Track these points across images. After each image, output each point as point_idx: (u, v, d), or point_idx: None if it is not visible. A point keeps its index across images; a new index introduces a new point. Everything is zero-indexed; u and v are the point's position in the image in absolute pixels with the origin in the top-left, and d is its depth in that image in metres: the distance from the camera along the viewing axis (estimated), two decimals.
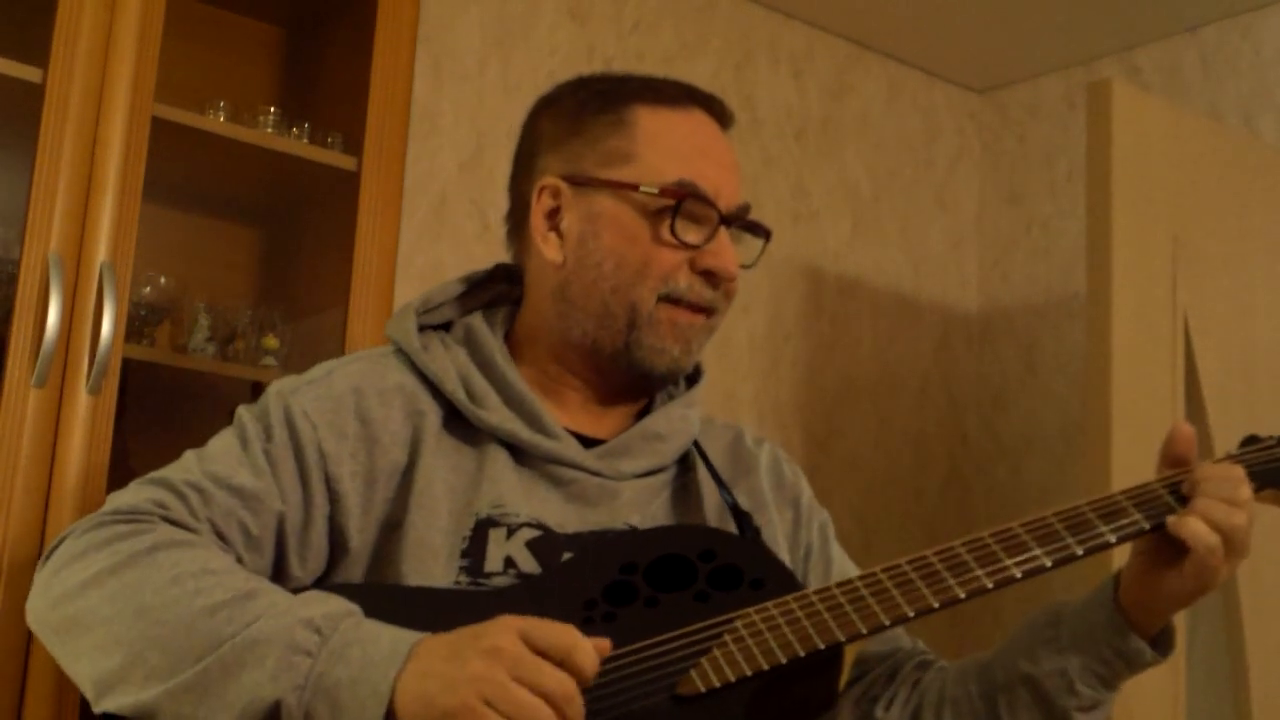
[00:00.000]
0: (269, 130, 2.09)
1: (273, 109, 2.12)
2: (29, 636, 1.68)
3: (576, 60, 2.86)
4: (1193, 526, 1.13)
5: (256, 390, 2.08)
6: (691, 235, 1.23)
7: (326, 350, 2.05)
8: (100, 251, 1.79)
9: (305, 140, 2.11)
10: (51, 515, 1.72)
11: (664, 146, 1.25)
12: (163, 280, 2.07)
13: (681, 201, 1.22)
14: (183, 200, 2.23)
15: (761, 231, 1.31)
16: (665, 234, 1.23)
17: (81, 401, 1.76)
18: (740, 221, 1.28)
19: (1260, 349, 2.73)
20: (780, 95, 3.20)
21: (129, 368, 1.85)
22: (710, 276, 1.25)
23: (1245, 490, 1.15)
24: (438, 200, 2.64)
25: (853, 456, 3.22)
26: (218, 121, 2.03)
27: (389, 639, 0.98)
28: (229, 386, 2.11)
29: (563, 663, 0.96)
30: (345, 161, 2.08)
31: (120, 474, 1.76)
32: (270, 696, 0.96)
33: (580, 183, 1.26)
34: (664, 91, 1.29)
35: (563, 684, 0.95)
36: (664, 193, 1.23)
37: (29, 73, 1.80)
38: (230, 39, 2.32)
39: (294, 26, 2.38)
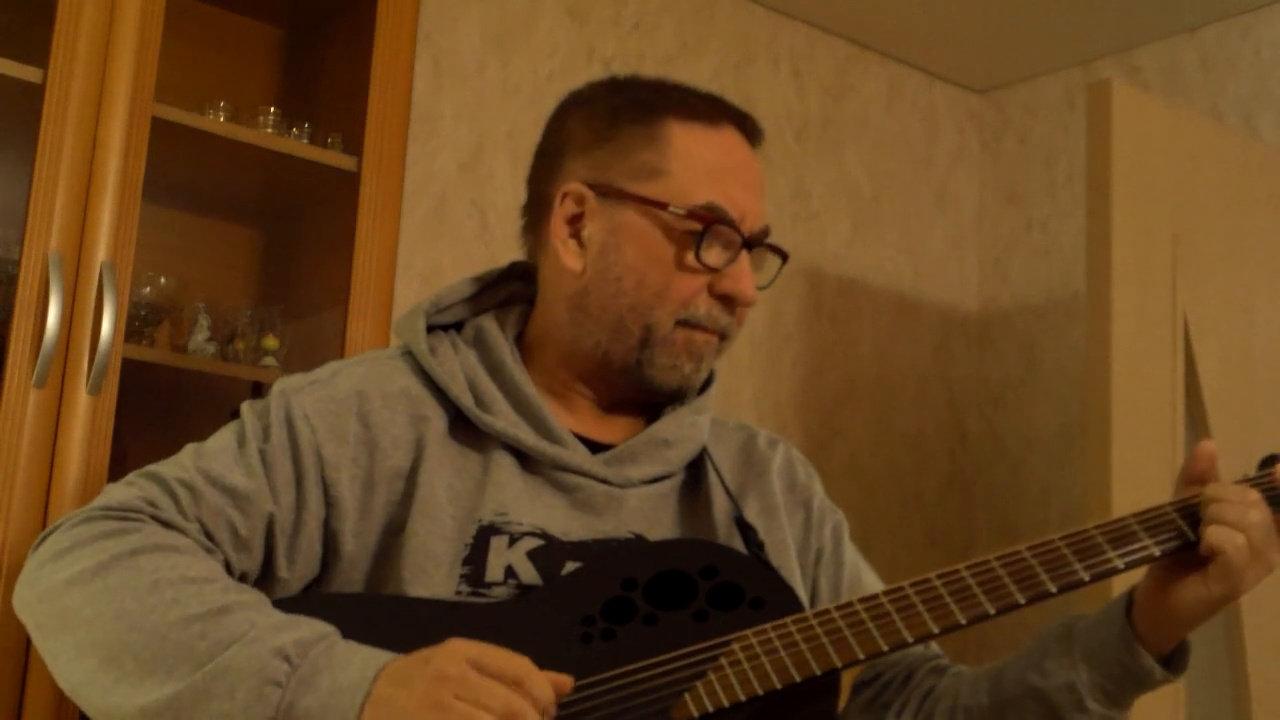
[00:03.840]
0: (269, 130, 2.09)
1: (273, 109, 2.12)
2: (29, 637, 1.68)
3: (576, 60, 2.86)
4: (1215, 531, 1.12)
5: (256, 390, 2.08)
6: (714, 259, 1.22)
7: (326, 350, 2.05)
8: (100, 251, 1.79)
9: (305, 140, 2.11)
10: (51, 515, 1.72)
11: (695, 165, 1.23)
12: (163, 280, 2.07)
13: (709, 226, 1.21)
14: (183, 200, 2.23)
15: (780, 254, 1.30)
16: (689, 258, 1.21)
17: (81, 401, 1.76)
18: (763, 245, 1.27)
19: (1260, 349, 2.73)
20: (780, 95, 3.20)
21: (129, 368, 1.84)
22: (728, 301, 1.23)
23: (1254, 494, 1.14)
24: (437, 200, 2.64)
25: (852, 457, 3.23)
26: (218, 121, 2.03)
27: (359, 663, 0.98)
28: (229, 386, 2.11)
29: (514, 689, 0.96)
30: (345, 162, 2.08)
31: (120, 474, 1.76)
32: None
33: (606, 192, 1.23)
34: (698, 107, 1.26)
35: (509, 701, 0.95)
36: (692, 215, 1.21)
37: (29, 73, 1.80)
38: (230, 39, 2.31)
39: (294, 27, 2.38)
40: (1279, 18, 3.02)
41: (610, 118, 1.26)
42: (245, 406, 1.21)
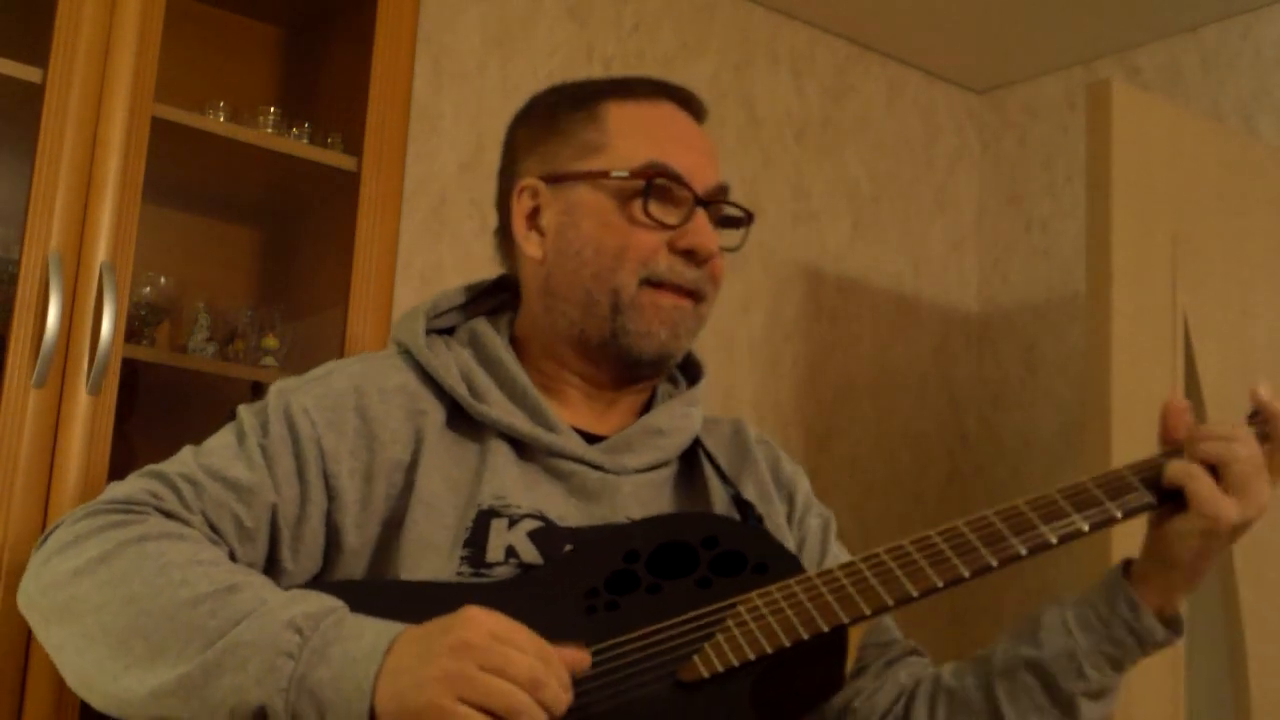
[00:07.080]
0: (269, 130, 2.09)
1: (273, 109, 2.12)
2: (29, 636, 1.68)
3: (576, 60, 2.86)
4: (1173, 466, 1.12)
5: (256, 390, 2.08)
6: (667, 216, 1.25)
7: (326, 350, 2.05)
8: (100, 251, 1.79)
9: (305, 140, 2.11)
10: (51, 515, 1.72)
11: (634, 134, 1.27)
12: (163, 280, 2.07)
13: (652, 181, 1.24)
14: (183, 200, 2.23)
15: (743, 213, 1.33)
16: (640, 215, 1.24)
17: (81, 401, 1.76)
18: (719, 203, 1.30)
19: (1260, 349, 2.72)
20: (780, 95, 3.20)
21: (129, 368, 1.84)
22: (690, 255, 1.26)
23: (1243, 429, 1.13)
24: (438, 200, 2.64)
25: (853, 456, 3.22)
26: (218, 121, 2.03)
27: (371, 634, 0.99)
28: (229, 386, 2.11)
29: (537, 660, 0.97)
30: (345, 161, 2.08)
31: (120, 474, 1.76)
32: (255, 701, 0.97)
33: (556, 179, 1.28)
34: (635, 87, 1.32)
35: (534, 670, 0.96)
36: (634, 174, 1.25)
37: (29, 73, 1.80)
38: (230, 39, 2.31)
39: (294, 26, 2.37)
40: (1279, 18, 3.02)
41: (550, 114, 1.32)
42: (242, 408, 1.23)
